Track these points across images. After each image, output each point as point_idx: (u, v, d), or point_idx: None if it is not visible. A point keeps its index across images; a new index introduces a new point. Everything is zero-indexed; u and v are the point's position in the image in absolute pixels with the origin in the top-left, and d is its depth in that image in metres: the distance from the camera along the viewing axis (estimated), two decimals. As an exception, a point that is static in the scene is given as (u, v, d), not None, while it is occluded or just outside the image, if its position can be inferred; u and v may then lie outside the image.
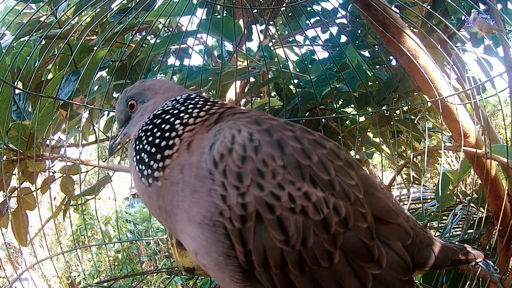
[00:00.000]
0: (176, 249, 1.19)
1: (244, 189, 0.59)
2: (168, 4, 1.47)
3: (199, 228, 0.62)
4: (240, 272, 0.62)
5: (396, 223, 0.68)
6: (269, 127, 0.64)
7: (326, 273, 0.60)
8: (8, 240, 3.39)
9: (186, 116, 0.71)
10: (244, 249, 0.59)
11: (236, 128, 0.63)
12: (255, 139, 0.62)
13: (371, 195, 0.67)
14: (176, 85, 0.84)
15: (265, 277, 0.61)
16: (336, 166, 0.65)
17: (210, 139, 0.64)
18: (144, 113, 0.79)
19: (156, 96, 0.79)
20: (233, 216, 0.59)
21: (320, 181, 0.62)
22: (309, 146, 0.64)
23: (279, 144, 0.62)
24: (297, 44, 2.37)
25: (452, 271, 1.63)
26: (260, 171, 0.60)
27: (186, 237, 0.67)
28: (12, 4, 2.03)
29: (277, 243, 0.59)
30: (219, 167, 0.61)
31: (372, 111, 1.83)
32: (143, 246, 4.41)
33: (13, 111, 1.44)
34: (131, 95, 0.81)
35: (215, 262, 0.63)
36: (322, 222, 0.60)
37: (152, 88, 0.81)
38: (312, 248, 0.59)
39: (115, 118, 0.88)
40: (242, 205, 0.59)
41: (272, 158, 0.60)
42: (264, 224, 0.59)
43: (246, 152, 0.60)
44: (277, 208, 0.59)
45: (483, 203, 1.72)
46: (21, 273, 1.18)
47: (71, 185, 1.64)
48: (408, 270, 0.67)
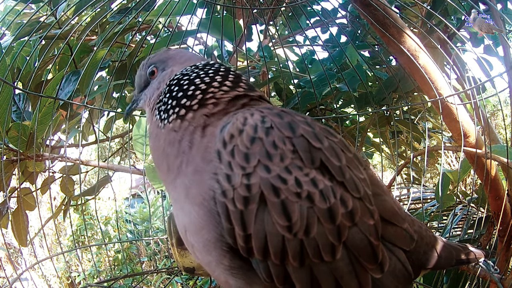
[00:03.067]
0: (176, 249, 1.18)
1: (250, 170, 0.58)
2: (168, 4, 1.48)
3: (196, 207, 0.62)
4: (229, 257, 0.61)
5: (402, 227, 0.67)
6: (280, 112, 0.64)
7: (326, 269, 0.59)
8: (8, 240, 3.39)
9: (207, 79, 0.72)
10: (244, 233, 0.57)
11: (250, 112, 0.63)
12: (267, 121, 0.61)
13: (379, 196, 0.66)
14: (196, 56, 0.85)
15: (262, 267, 0.59)
16: (347, 156, 0.64)
17: (223, 123, 0.64)
18: (162, 81, 0.79)
19: (175, 65, 0.80)
20: (236, 197, 0.57)
21: (331, 166, 0.61)
22: (320, 132, 0.63)
23: (290, 126, 0.61)
24: (297, 44, 2.37)
25: (452, 271, 1.63)
26: (269, 153, 0.59)
27: (178, 208, 0.67)
28: (12, 4, 2.02)
29: (279, 229, 0.57)
30: (228, 147, 0.60)
31: (372, 111, 1.83)
32: (143, 246, 4.41)
33: (13, 111, 1.44)
34: (154, 61, 0.82)
35: (204, 243, 0.62)
36: (328, 211, 0.58)
37: (173, 58, 0.81)
38: (315, 239, 0.57)
39: (135, 82, 0.89)
40: (247, 186, 0.57)
41: (282, 141, 0.60)
42: (268, 208, 0.57)
43: (257, 133, 0.60)
44: (283, 192, 0.57)
45: (483, 203, 1.72)
46: (21, 273, 1.18)
47: (71, 185, 1.65)
48: (409, 280, 0.65)
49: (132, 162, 1.78)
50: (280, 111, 0.64)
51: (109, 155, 2.27)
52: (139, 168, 1.63)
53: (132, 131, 1.63)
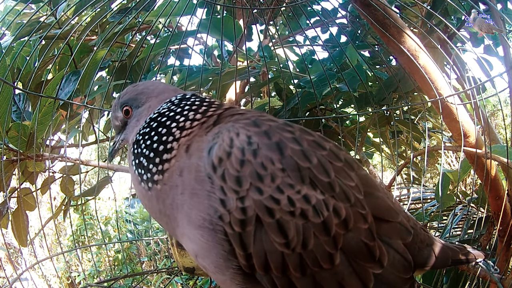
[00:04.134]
0: (176, 249, 1.19)
1: (243, 193, 0.59)
2: (168, 4, 1.47)
3: (198, 230, 0.62)
4: (241, 275, 0.62)
5: (396, 221, 0.68)
6: (268, 129, 0.64)
7: (328, 274, 0.60)
8: (8, 240, 3.39)
9: (182, 119, 0.70)
10: (245, 253, 0.59)
11: (235, 131, 0.63)
12: (253, 142, 0.61)
13: (371, 194, 0.67)
14: (169, 86, 0.83)
15: (266, 280, 0.61)
16: (336, 167, 0.65)
17: (208, 142, 0.64)
18: (139, 118, 0.78)
19: (150, 99, 0.78)
20: (232, 221, 0.59)
21: (320, 183, 0.62)
22: (309, 148, 0.64)
23: (278, 146, 0.62)
24: (297, 44, 2.37)
25: (452, 271, 1.63)
26: (259, 175, 0.59)
27: (186, 239, 0.67)
28: (12, 4, 2.03)
29: (277, 246, 0.58)
30: (218, 172, 0.60)
31: (372, 111, 1.83)
32: (143, 246, 4.41)
33: (13, 111, 1.44)
34: (125, 101, 0.80)
35: (216, 264, 0.63)
36: (322, 224, 0.60)
37: (145, 92, 0.79)
38: (313, 251, 0.59)
39: (112, 125, 0.87)
40: (242, 209, 0.58)
41: (271, 161, 0.60)
42: (264, 228, 0.58)
43: (245, 155, 0.60)
44: (277, 212, 0.58)
45: (483, 203, 1.72)
46: (21, 273, 1.18)
47: (71, 186, 1.64)
48: (409, 268, 0.67)
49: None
50: (268, 128, 0.64)
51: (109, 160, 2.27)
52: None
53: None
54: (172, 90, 0.80)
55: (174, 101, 0.74)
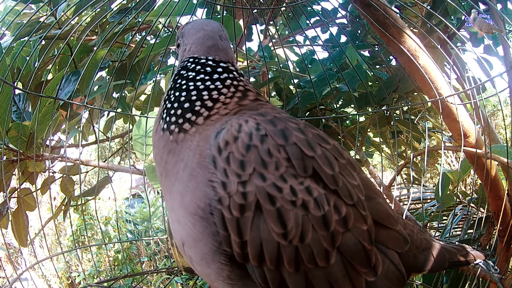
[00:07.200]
0: (176, 249, 1.18)
1: (246, 178, 0.58)
2: (168, 4, 1.47)
3: (190, 218, 0.62)
4: (227, 270, 0.61)
5: (395, 229, 0.67)
6: (273, 118, 0.64)
7: (321, 274, 0.60)
8: (8, 240, 3.39)
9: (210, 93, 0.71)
10: (240, 240, 0.58)
11: (244, 118, 0.63)
12: (261, 129, 0.61)
13: (372, 199, 0.67)
14: (207, 41, 0.78)
15: (257, 273, 0.59)
16: (340, 163, 0.64)
17: (216, 129, 0.64)
18: (181, 55, 0.81)
19: (188, 44, 0.80)
20: (232, 204, 0.58)
21: (324, 174, 0.61)
22: (313, 139, 0.64)
23: (283, 133, 0.62)
24: (297, 44, 2.36)
25: (452, 271, 1.63)
26: (264, 161, 0.59)
27: (174, 220, 0.67)
28: (12, 4, 2.02)
29: (274, 236, 0.58)
30: (223, 154, 0.60)
31: (372, 111, 1.83)
32: (143, 246, 4.41)
33: (13, 111, 1.44)
34: (178, 34, 0.84)
35: (202, 256, 0.62)
36: (322, 218, 0.59)
37: (186, 36, 0.81)
38: (310, 245, 0.58)
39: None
40: (243, 194, 0.58)
41: (277, 149, 0.60)
42: (263, 215, 0.58)
43: (252, 140, 0.60)
44: (278, 200, 0.58)
45: (483, 203, 1.72)
46: (21, 273, 1.18)
47: (71, 186, 1.64)
48: (402, 282, 0.66)
49: (132, 162, 1.78)
50: (274, 117, 0.64)
51: (109, 155, 2.27)
52: (139, 168, 1.63)
53: (132, 131, 1.63)
54: (204, 39, 0.78)
55: (203, 62, 0.75)
